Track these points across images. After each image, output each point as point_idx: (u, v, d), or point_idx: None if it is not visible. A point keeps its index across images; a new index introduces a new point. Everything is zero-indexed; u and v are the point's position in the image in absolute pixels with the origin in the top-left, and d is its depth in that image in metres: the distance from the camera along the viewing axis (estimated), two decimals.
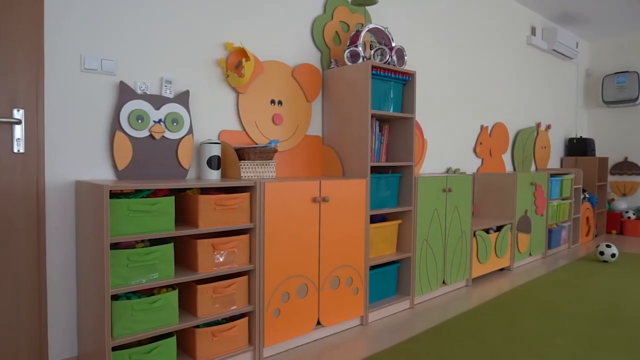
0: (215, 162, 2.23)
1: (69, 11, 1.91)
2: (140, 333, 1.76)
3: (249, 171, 2.30)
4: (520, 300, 3.04)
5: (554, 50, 5.30)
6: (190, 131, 2.25)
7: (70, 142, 1.94)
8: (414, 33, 3.54)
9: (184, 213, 2.04)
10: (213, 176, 2.23)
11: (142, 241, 1.90)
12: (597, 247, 4.24)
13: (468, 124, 4.17)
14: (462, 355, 2.18)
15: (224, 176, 2.37)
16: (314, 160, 2.83)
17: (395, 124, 2.92)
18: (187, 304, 2.01)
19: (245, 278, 2.11)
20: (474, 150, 4.26)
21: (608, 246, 4.16)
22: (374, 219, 2.84)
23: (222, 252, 2.01)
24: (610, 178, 6.23)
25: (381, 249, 2.80)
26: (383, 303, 2.76)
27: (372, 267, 2.76)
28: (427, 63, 3.68)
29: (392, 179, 2.83)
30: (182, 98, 2.22)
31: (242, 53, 2.44)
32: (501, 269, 3.90)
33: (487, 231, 3.66)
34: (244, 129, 2.50)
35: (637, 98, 5.79)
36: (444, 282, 3.16)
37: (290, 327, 2.23)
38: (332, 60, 2.84)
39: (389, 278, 2.86)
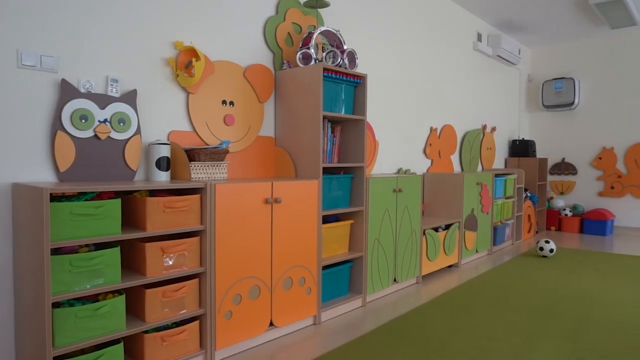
0: (164, 164, 2.19)
1: (4, 1, 1.81)
2: (85, 341, 1.70)
3: (200, 172, 2.27)
4: (467, 295, 3.18)
5: (498, 56, 5.56)
6: (138, 131, 2.19)
7: (7, 143, 1.84)
8: (366, 36, 3.61)
9: (132, 216, 1.99)
10: (162, 178, 2.19)
11: (87, 245, 1.83)
12: (537, 243, 4.49)
13: (418, 126, 4.30)
14: (411, 351, 2.25)
15: (173, 178, 2.32)
16: (266, 162, 2.83)
17: (347, 126, 2.97)
18: (135, 309, 1.96)
19: (195, 281, 2.08)
20: (424, 152, 4.40)
21: (547, 242, 4.41)
22: (327, 219, 2.88)
23: (171, 255, 1.97)
24: (550, 178, 6.61)
25: (334, 249, 2.84)
26: (335, 302, 2.80)
27: (325, 267, 2.79)
28: (378, 66, 3.76)
29: (344, 179, 2.87)
30: (129, 97, 2.16)
31: (192, 52, 2.40)
32: (450, 266, 4.05)
33: (436, 230, 3.78)
34: (195, 130, 2.46)
35: (573, 103, 6.18)
36: (395, 280, 3.25)
37: (242, 329, 2.22)
38: (285, 61, 2.85)
39: (341, 277, 2.90)
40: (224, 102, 2.59)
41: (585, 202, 6.32)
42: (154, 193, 2.06)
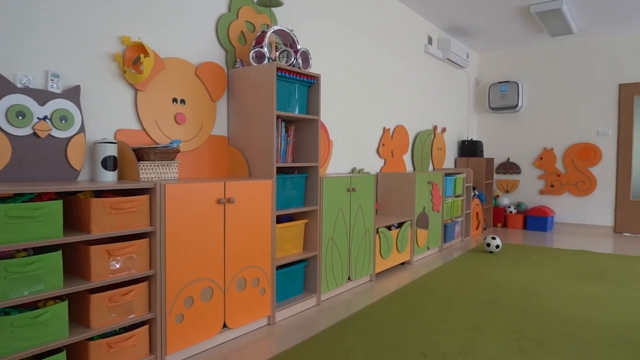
0: (110, 163, 2.11)
1: None
2: (23, 351, 1.60)
3: (149, 172, 2.20)
4: (419, 291, 3.27)
5: (448, 59, 5.75)
6: (82, 129, 2.10)
7: None
8: (320, 37, 3.64)
9: (75, 218, 1.90)
10: (108, 178, 2.10)
11: (25, 250, 1.73)
12: (485, 239, 4.68)
13: (371, 126, 4.38)
14: (364, 347, 2.29)
15: (121, 178, 2.24)
16: (219, 161, 2.78)
17: (301, 125, 2.98)
18: (79, 315, 1.87)
19: (145, 284, 2.02)
20: (377, 151, 4.48)
21: (493, 238, 4.61)
22: (281, 219, 2.87)
23: (118, 258, 1.90)
24: (496, 177, 6.92)
25: (288, 249, 2.83)
26: (290, 302, 2.80)
27: (279, 267, 2.79)
28: (332, 66, 3.79)
29: (298, 179, 2.88)
30: (72, 94, 2.06)
31: (141, 48, 2.33)
32: (402, 263, 4.15)
33: (389, 228, 3.86)
34: (144, 128, 2.39)
35: (517, 105, 6.49)
36: (349, 278, 3.29)
37: (194, 332, 2.18)
38: (238, 59, 2.82)
39: (295, 277, 2.91)
40: (174, 100, 2.52)
41: (528, 200, 6.66)
42: (99, 194, 1.98)
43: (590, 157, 6.18)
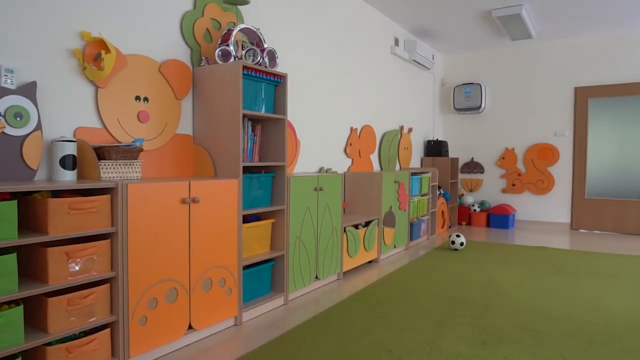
0: (70, 162, 2.04)
1: None
2: None
3: (111, 172, 2.14)
4: (386, 288, 3.31)
5: (414, 60, 5.85)
6: (39, 127, 2.02)
7: None
8: (287, 36, 3.63)
9: (32, 219, 1.83)
10: (67, 177, 2.04)
11: None
12: (450, 237, 4.80)
13: (339, 126, 4.41)
14: (332, 345, 2.30)
15: (81, 177, 2.17)
16: (184, 160, 2.74)
17: (268, 125, 2.97)
18: (36, 320, 1.81)
19: (106, 286, 1.96)
20: (345, 151, 4.51)
21: (458, 236, 4.72)
22: (248, 219, 2.85)
23: (78, 260, 1.84)
24: (461, 176, 7.09)
25: (255, 248, 2.82)
26: (257, 302, 2.79)
27: (246, 267, 2.77)
28: (299, 66, 3.79)
29: (265, 178, 2.87)
30: (28, 90, 1.98)
31: (102, 44, 2.26)
32: (370, 261, 4.19)
33: (356, 227, 3.90)
34: (105, 127, 2.32)
35: (480, 106, 6.68)
36: (316, 277, 3.30)
37: (159, 334, 2.14)
38: (203, 57, 2.78)
39: (263, 276, 2.89)
40: (137, 98, 2.47)
41: (491, 199, 6.86)
42: (58, 194, 1.91)
43: (549, 157, 6.43)
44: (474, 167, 6.98)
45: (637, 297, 3.11)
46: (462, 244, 4.71)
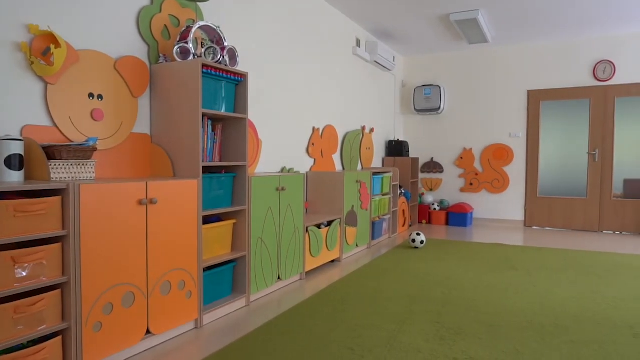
0: (16, 162, 1.93)
1: None
2: None
3: (62, 172, 2.05)
4: (348, 287, 3.34)
5: (375, 61, 5.93)
6: None
7: None
8: (248, 35, 3.59)
9: None
10: (13, 178, 1.93)
11: None
12: (410, 235, 4.89)
13: (301, 126, 4.40)
14: (294, 346, 2.30)
15: (29, 178, 2.06)
16: (141, 160, 2.66)
17: (229, 124, 2.93)
18: None
19: (57, 292, 1.88)
20: (307, 151, 4.51)
21: (418, 234, 4.82)
22: (208, 220, 2.80)
23: (25, 265, 1.75)
24: (421, 175, 7.25)
25: (216, 250, 2.77)
26: (218, 304, 2.74)
27: (207, 269, 2.72)
28: (260, 65, 3.76)
29: (225, 179, 2.82)
30: None
31: (51, 38, 2.16)
32: (332, 261, 4.21)
33: (318, 226, 3.91)
34: (55, 125, 2.22)
35: (440, 108, 6.85)
36: (279, 278, 3.28)
37: (115, 340, 2.06)
38: (161, 55, 2.71)
39: (224, 278, 2.85)
40: (91, 95, 2.37)
41: (450, 197, 7.05)
42: (3, 196, 1.81)
43: (504, 157, 6.67)
44: (433, 166, 7.15)
45: (584, 290, 3.28)
46: (422, 242, 4.81)
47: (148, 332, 2.25)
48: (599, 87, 6.12)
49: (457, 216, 6.54)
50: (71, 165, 2.09)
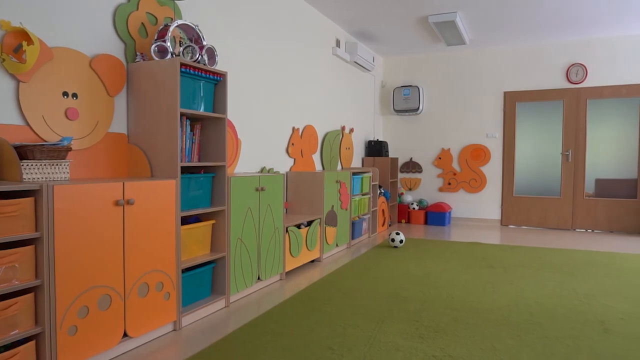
0: None
1: None
2: None
3: (35, 172, 2.00)
4: (328, 287, 3.35)
5: (355, 62, 5.96)
6: None
7: None
8: (227, 34, 3.57)
9: None
10: None
11: None
12: (389, 235, 4.93)
13: (281, 126, 4.39)
14: (273, 346, 2.29)
15: (0, 179, 2.01)
16: (118, 160, 2.61)
17: (208, 124, 2.90)
18: None
19: (30, 296, 1.83)
20: (287, 151, 4.51)
21: (397, 234, 4.87)
22: (187, 220, 2.77)
23: None
24: (400, 175, 7.32)
25: (194, 251, 2.75)
26: (197, 305, 2.72)
27: (185, 270, 2.69)
28: (240, 64, 3.74)
29: (204, 179, 2.80)
30: None
31: (23, 35, 2.10)
32: (312, 261, 4.22)
33: (298, 226, 3.91)
34: (28, 124, 2.16)
35: (418, 108, 6.93)
36: (259, 278, 3.27)
37: (90, 344, 2.02)
38: (138, 53, 2.67)
39: (203, 279, 2.82)
40: (65, 94, 2.32)
41: (429, 197, 7.13)
42: None
43: (481, 157, 6.79)
44: (412, 166, 7.22)
45: (557, 287, 3.37)
46: (401, 241, 4.86)
47: (125, 335, 2.21)
48: (572, 89, 6.28)
49: (436, 215, 6.63)
50: (44, 165, 2.04)
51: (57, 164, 2.09)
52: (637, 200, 6.03)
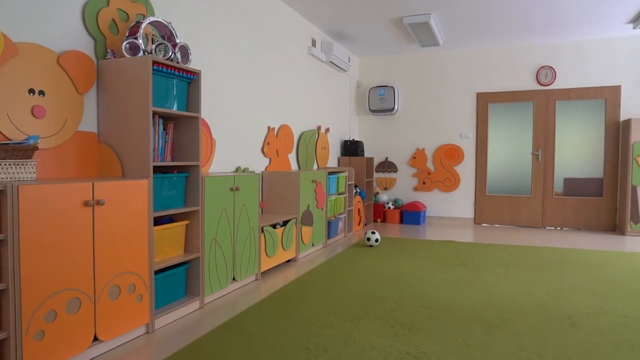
0: None
1: None
2: None
3: None
4: (303, 287, 3.34)
5: (330, 62, 5.97)
6: None
7: None
8: (201, 32, 3.52)
9: None
10: None
11: None
12: (365, 234, 4.97)
13: (256, 125, 4.36)
14: (248, 347, 2.27)
15: None
16: (87, 160, 2.54)
17: (181, 123, 2.86)
18: None
19: None
20: (262, 150, 4.48)
21: (373, 233, 4.90)
22: (160, 221, 2.72)
23: None
24: (376, 175, 7.37)
25: (168, 252, 2.70)
26: (171, 307, 2.67)
27: (158, 271, 2.64)
28: (214, 63, 3.70)
29: (177, 179, 2.76)
30: None
31: None
32: (288, 261, 4.21)
33: (274, 226, 3.89)
34: None
35: (394, 108, 6.99)
36: (234, 279, 3.24)
37: (59, 349, 1.96)
38: (109, 50, 2.61)
39: (176, 280, 2.78)
40: (31, 91, 2.24)
41: (404, 196, 7.21)
42: None
43: (455, 157, 6.91)
44: (388, 166, 7.29)
45: (528, 283, 3.45)
46: (377, 240, 4.90)
47: (96, 339, 2.16)
48: (542, 91, 6.46)
49: (411, 214, 6.70)
50: (9, 165, 1.97)
51: (22, 164, 2.02)
52: (603, 199, 6.25)
